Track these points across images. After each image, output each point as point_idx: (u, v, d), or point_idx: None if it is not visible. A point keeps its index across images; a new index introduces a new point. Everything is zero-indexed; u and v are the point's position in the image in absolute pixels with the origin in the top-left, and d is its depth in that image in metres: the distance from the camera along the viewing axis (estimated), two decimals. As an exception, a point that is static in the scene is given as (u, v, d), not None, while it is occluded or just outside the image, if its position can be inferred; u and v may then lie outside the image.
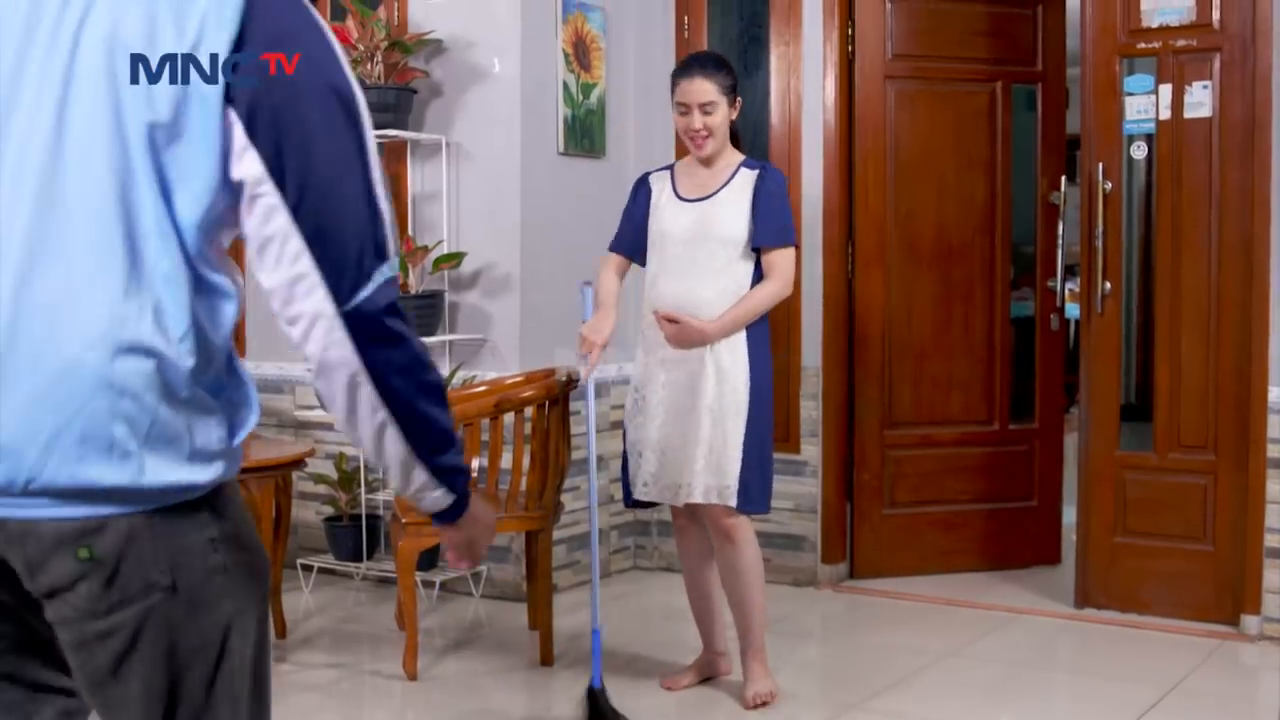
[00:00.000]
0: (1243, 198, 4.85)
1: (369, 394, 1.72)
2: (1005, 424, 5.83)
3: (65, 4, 1.62)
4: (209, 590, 1.70)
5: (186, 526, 1.68)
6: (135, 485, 1.62)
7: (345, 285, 1.67)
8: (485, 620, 5.17)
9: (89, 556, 1.63)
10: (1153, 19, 5.02)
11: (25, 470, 1.59)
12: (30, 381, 1.58)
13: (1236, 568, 4.89)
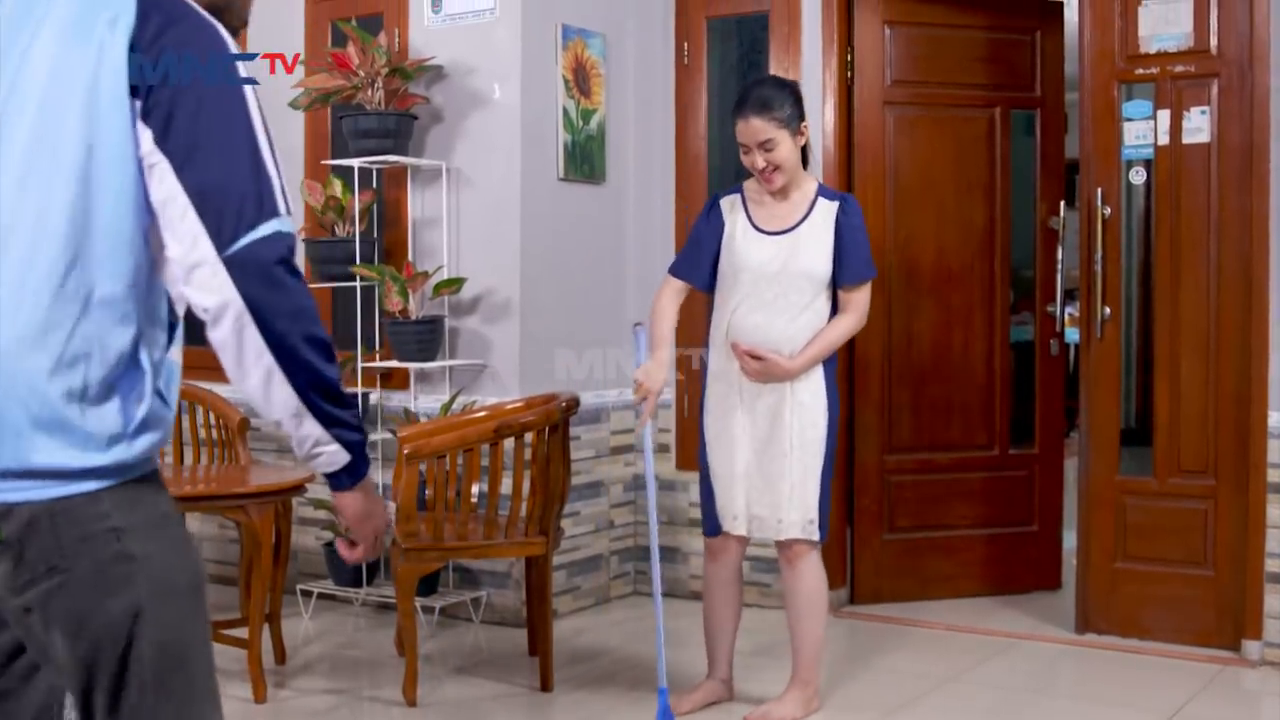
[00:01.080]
0: (1241, 223, 4.86)
1: (253, 336, 1.84)
2: (1005, 449, 5.83)
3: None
4: (110, 576, 1.81)
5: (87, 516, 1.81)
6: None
7: (225, 232, 1.80)
8: (485, 646, 5.16)
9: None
10: (1150, 45, 5.04)
11: None
12: None
13: (1237, 593, 4.89)
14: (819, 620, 4.15)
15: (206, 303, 1.84)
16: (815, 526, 4.03)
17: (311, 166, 5.78)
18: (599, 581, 5.72)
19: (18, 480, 1.78)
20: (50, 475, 1.79)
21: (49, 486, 1.79)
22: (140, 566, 1.84)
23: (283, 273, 1.85)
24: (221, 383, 5.89)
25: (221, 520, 5.98)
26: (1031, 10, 5.87)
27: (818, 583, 4.13)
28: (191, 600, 1.91)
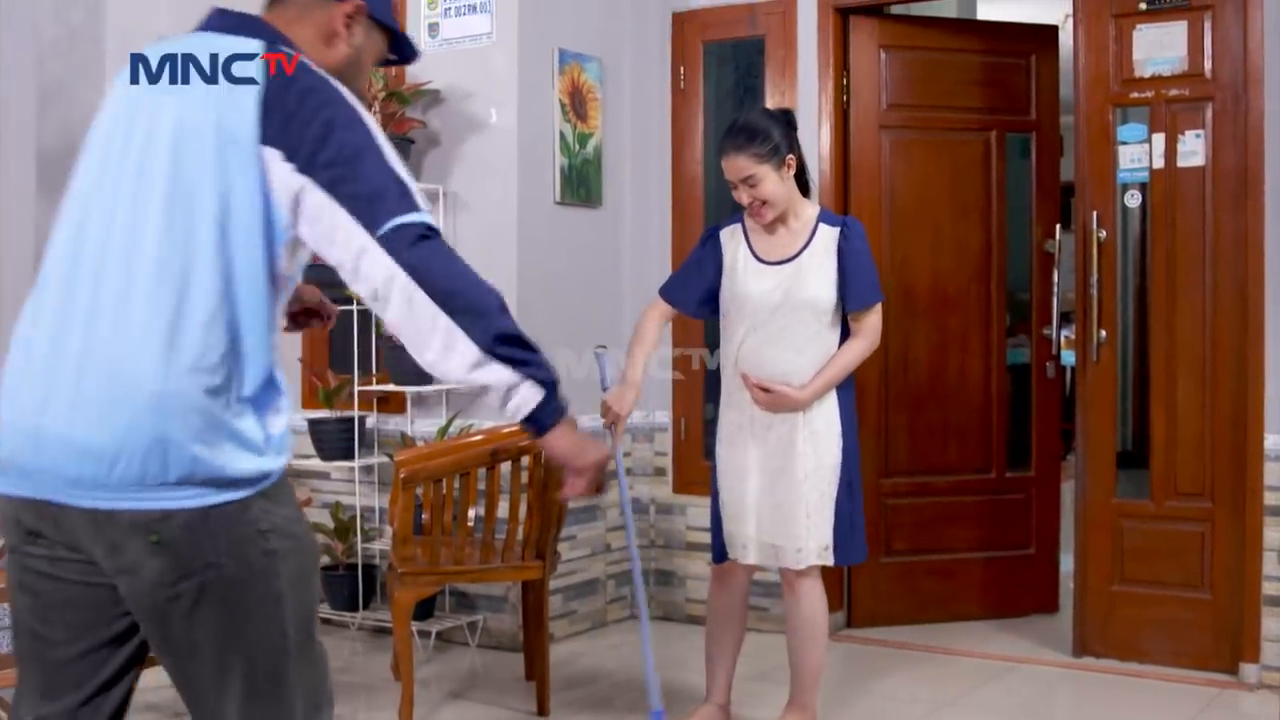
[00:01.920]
0: (1236, 246, 4.88)
1: (422, 300, 2.08)
2: (1002, 472, 5.83)
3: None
4: (257, 570, 2.10)
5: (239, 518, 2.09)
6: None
7: (377, 222, 2.07)
8: (482, 670, 5.15)
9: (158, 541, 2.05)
10: (1145, 69, 5.06)
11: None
12: None
13: (1235, 616, 4.88)
14: (820, 645, 4.13)
15: (375, 284, 2.09)
16: (830, 552, 3.99)
17: (308, 190, 5.77)
18: (595, 605, 5.71)
19: (176, 489, 2.04)
20: (205, 484, 2.05)
21: (204, 495, 2.05)
22: (282, 560, 2.12)
23: (430, 239, 2.10)
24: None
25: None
26: (1026, 34, 5.90)
27: (820, 608, 4.10)
28: (315, 578, 2.23)
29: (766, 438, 3.99)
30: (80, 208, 2.18)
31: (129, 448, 2.03)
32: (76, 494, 2.06)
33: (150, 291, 2.06)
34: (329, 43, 2.32)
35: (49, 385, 2.08)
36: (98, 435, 2.03)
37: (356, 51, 2.37)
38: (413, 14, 5.54)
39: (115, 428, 2.03)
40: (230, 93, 2.12)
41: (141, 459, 2.03)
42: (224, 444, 2.06)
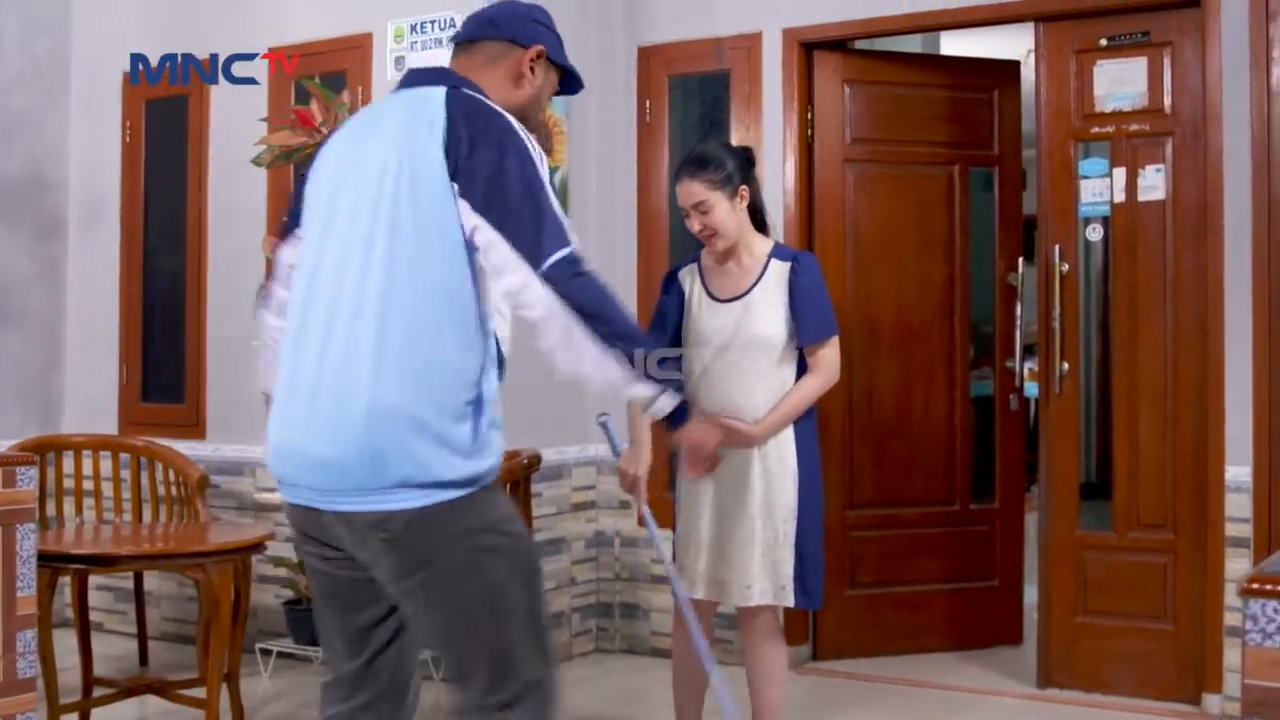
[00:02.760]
0: (1197, 279, 4.92)
1: (578, 329, 2.43)
2: (966, 504, 5.85)
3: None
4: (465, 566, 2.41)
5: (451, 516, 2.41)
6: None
7: (538, 259, 2.40)
8: (445, 705, 5.11)
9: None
10: (1106, 104, 5.12)
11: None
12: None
13: (1197, 646, 4.91)
14: (778, 683, 4.09)
15: (536, 314, 2.44)
16: (788, 592, 3.95)
17: (274, 223, 5.77)
18: (561, 639, 5.70)
19: (398, 491, 2.37)
20: (422, 486, 2.37)
21: (421, 496, 2.37)
22: (495, 555, 2.44)
23: (583, 272, 2.45)
24: (181, 440, 5.88)
25: (180, 578, 5.93)
26: (989, 69, 5.95)
27: (775, 646, 4.06)
28: (536, 576, 2.55)
29: (721, 475, 3.95)
30: (313, 252, 2.53)
31: (357, 458, 2.37)
32: (326, 500, 2.45)
33: (370, 319, 2.39)
34: (516, 84, 2.70)
35: (295, 410, 2.47)
36: (329, 449, 2.40)
37: (538, 90, 2.74)
38: (379, 48, 5.55)
39: (340, 441, 2.38)
40: (425, 136, 2.44)
41: (367, 467, 2.37)
42: (435, 450, 2.37)
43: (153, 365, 6.29)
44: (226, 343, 5.97)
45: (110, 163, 6.38)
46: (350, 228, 2.47)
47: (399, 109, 2.56)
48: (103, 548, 4.56)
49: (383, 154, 2.48)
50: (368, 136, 2.57)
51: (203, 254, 6.07)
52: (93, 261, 6.41)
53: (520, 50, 2.71)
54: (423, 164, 2.43)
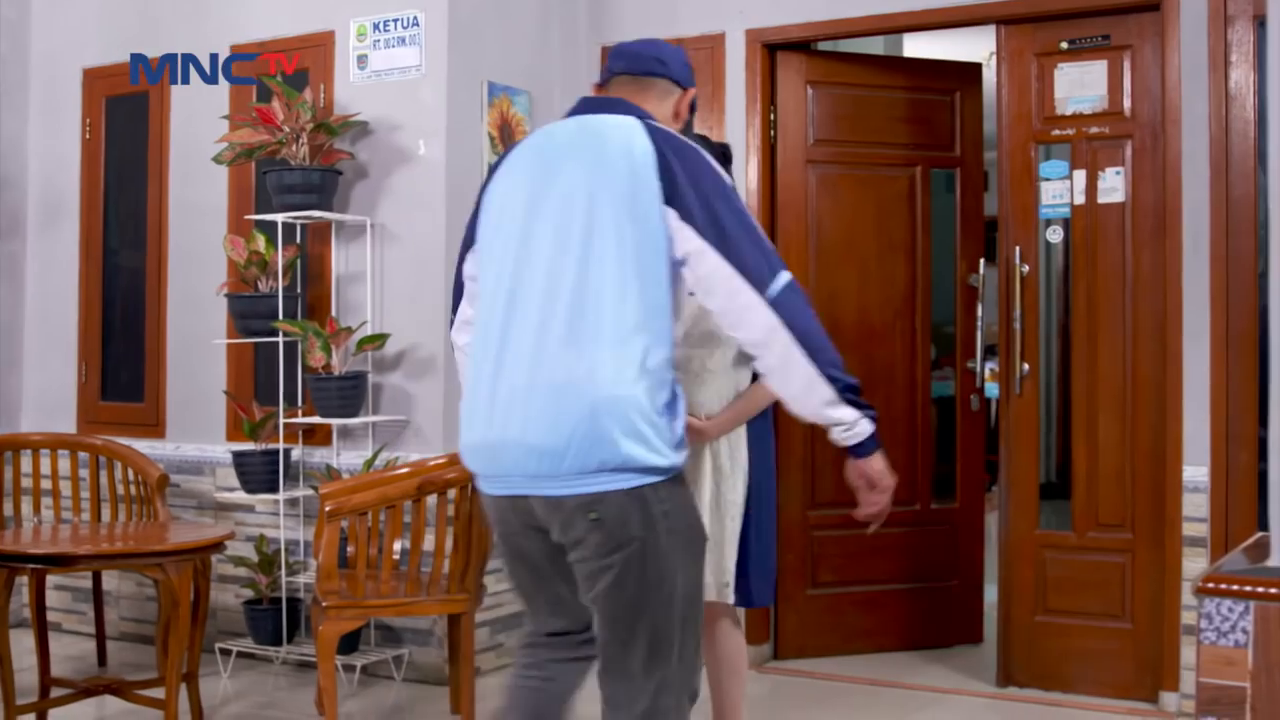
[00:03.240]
0: (1155, 280, 4.96)
1: (796, 354, 2.66)
2: (927, 504, 5.88)
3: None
4: (664, 545, 2.68)
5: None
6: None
7: (762, 284, 2.66)
8: (407, 705, 5.11)
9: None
10: (1066, 107, 5.15)
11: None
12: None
13: (1155, 645, 4.95)
14: (739, 681, 4.11)
15: (756, 334, 2.68)
16: (731, 590, 3.96)
17: (235, 221, 5.75)
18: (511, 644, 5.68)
19: (611, 474, 2.63)
20: (631, 471, 2.64)
21: (631, 479, 2.64)
22: (678, 539, 2.70)
23: (797, 294, 2.68)
24: (141, 439, 5.84)
25: (139, 578, 5.90)
26: (951, 72, 5.98)
27: (736, 644, 4.08)
28: (702, 562, 2.81)
29: (702, 468, 3.96)
30: (511, 264, 2.77)
31: (575, 445, 2.62)
32: (537, 486, 2.69)
33: (589, 324, 2.66)
34: (675, 121, 3.02)
35: (508, 407, 2.71)
36: (549, 439, 2.64)
37: (686, 128, 3.05)
38: (341, 46, 5.54)
39: (563, 432, 2.63)
40: (635, 163, 2.71)
41: (584, 453, 2.62)
42: (643, 440, 2.63)
43: (112, 364, 6.25)
44: (187, 341, 5.94)
45: (70, 160, 6.34)
46: (560, 244, 2.72)
47: (594, 135, 2.82)
48: (61, 547, 4.53)
49: (588, 176, 2.75)
50: (563, 158, 2.81)
51: (163, 252, 6.04)
52: (52, 259, 6.37)
53: (681, 92, 3.04)
54: (638, 189, 2.70)
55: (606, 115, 2.86)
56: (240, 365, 5.78)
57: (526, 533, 2.82)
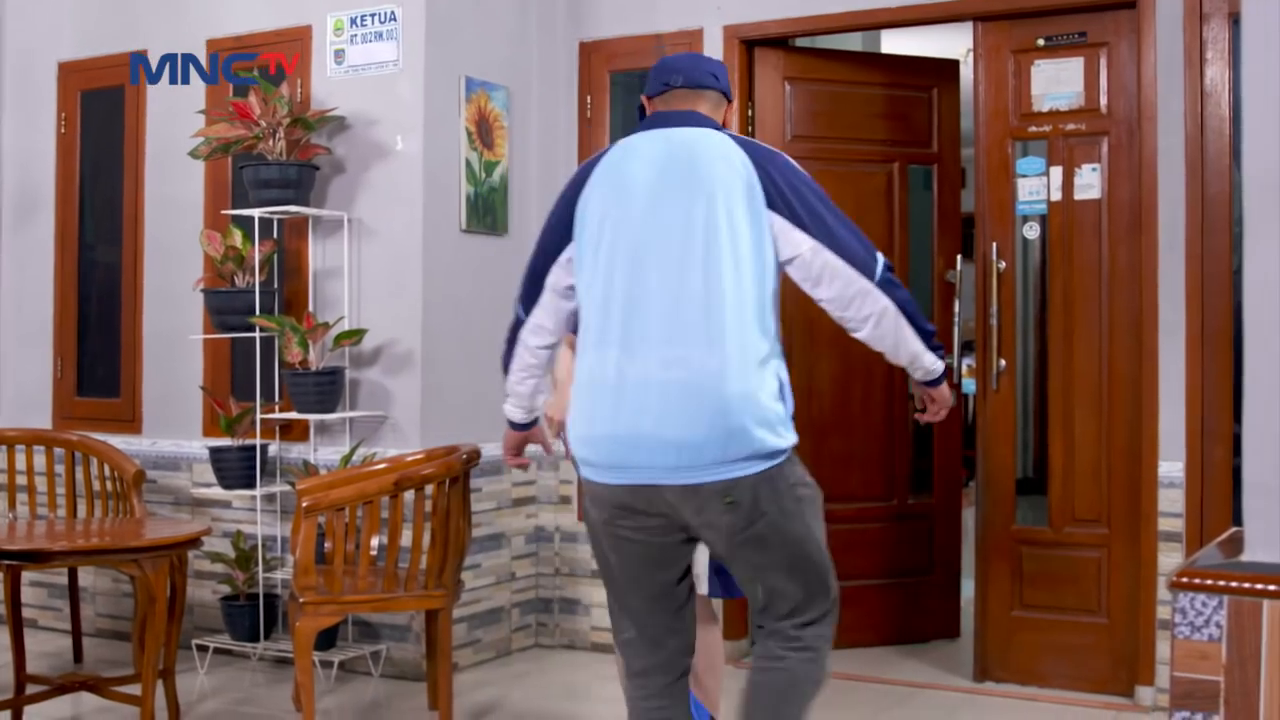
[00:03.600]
0: (1131, 276, 4.98)
1: (904, 324, 3.05)
2: (904, 499, 5.89)
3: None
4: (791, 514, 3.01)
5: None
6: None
7: (868, 270, 3.01)
8: (384, 700, 5.11)
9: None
10: (1043, 103, 5.16)
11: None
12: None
13: (1130, 640, 4.97)
14: (717, 676, 4.13)
15: (869, 312, 3.03)
16: (703, 581, 3.98)
17: (211, 216, 5.73)
18: (500, 634, 5.69)
19: (745, 462, 2.90)
20: (762, 456, 2.92)
21: (761, 464, 2.92)
22: (806, 504, 3.03)
23: (897, 279, 3.06)
24: (117, 434, 5.82)
25: (115, 574, 5.88)
26: (929, 68, 5.99)
27: (714, 639, 4.10)
28: (822, 520, 3.11)
29: None
30: (625, 269, 2.98)
31: (714, 438, 2.87)
32: (674, 476, 2.92)
33: (717, 326, 2.91)
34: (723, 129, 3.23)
35: (641, 403, 2.92)
36: (688, 434, 2.88)
37: None
38: (319, 40, 5.52)
39: (703, 425, 2.88)
40: (737, 172, 2.97)
41: (722, 444, 2.88)
42: (769, 426, 2.92)
43: (88, 359, 6.23)
44: (163, 337, 5.92)
45: (45, 154, 6.31)
46: (678, 251, 2.95)
47: (689, 147, 3.05)
48: (36, 543, 4.51)
49: (696, 187, 2.98)
50: (665, 171, 3.03)
51: (139, 247, 6.02)
52: (27, 254, 6.34)
53: (727, 104, 3.28)
54: (746, 196, 2.96)
55: (690, 128, 3.10)
56: (217, 361, 5.77)
57: (644, 518, 3.01)
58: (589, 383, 3.02)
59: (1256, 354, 2.51)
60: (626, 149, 3.12)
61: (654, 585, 3.13)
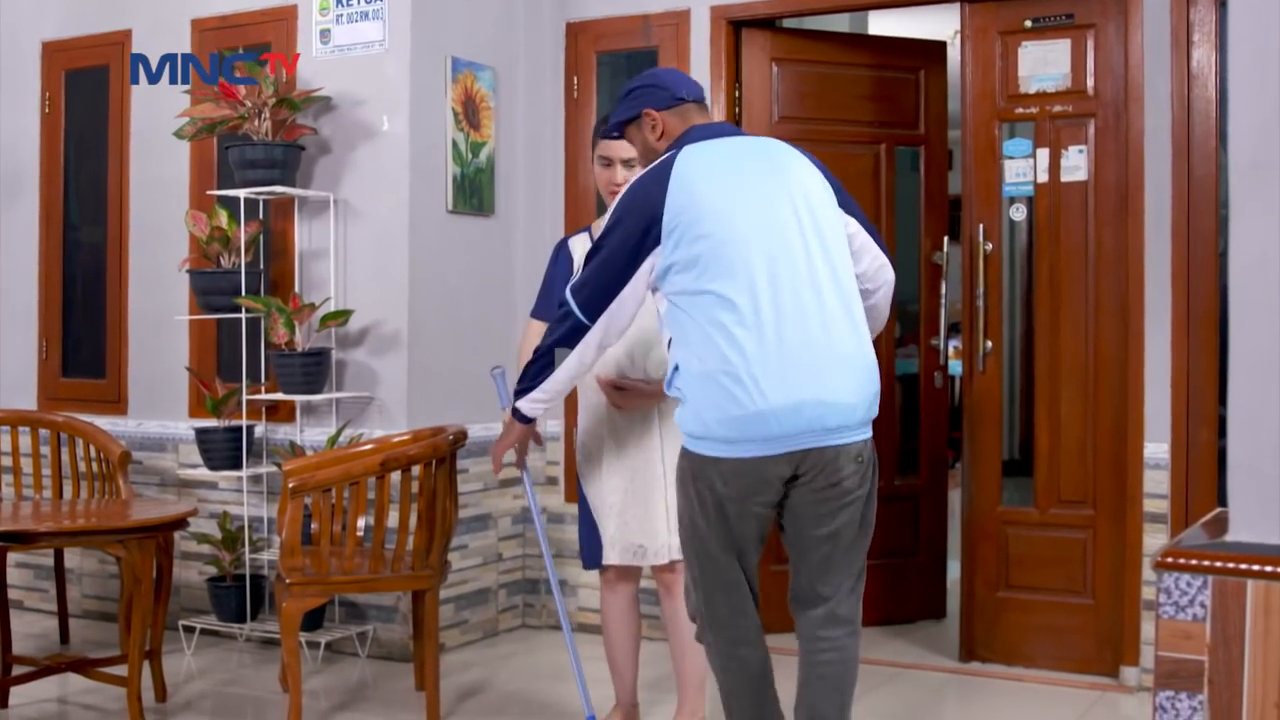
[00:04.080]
0: (1117, 258, 4.99)
1: (891, 295, 3.51)
2: (891, 480, 5.90)
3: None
4: (870, 478, 3.33)
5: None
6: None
7: (881, 245, 3.44)
8: (371, 681, 5.11)
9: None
10: (1030, 85, 5.16)
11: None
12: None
13: (1115, 620, 4.99)
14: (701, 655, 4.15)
15: (879, 282, 3.43)
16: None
17: (197, 197, 5.71)
18: (487, 615, 5.70)
19: (868, 426, 3.26)
20: (869, 424, 3.26)
21: (868, 431, 3.26)
22: (875, 473, 3.34)
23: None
24: (102, 415, 5.81)
25: (101, 555, 5.87)
26: (916, 50, 5.98)
27: None
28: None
29: (624, 439, 4.04)
30: (764, 264, 3.18)
31: (864, 401, 3.21)
32: (836, 437, 3.19)
33: (841, 302, 3.22)
34: None
35: (798, 376, 3.14)
36: (848, 398, 3.17)
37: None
38: (304, 19, 5.50)
39: (858, 390, 3.19)
40: (814, 173, 3.33)
41: (866, 407, 3.22)
42: (876, 397, 3.27)
43: (73, 340, 6.21)
44: (148, 318, 5.90)
45: (29, 135, 6.28)
46: (806, 241, 3.22)
47: (769, 150, 3.39)
48: (21, 524, 4.50)
49: (798, 186, 3.28)
50: (769, 172, 3.31)
51: (124, 227, 6.00)
52: (11, 235, 6.32)
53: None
54: (826, 194, 3.31)
55: (753, 137, 3.51)
56: (203, 341, 5.75)
57: (772, 489, 3.25)
58: (742, 365, 3.16)
59: (1242, 335, 2.52)
60: (706, 155, 3.31)
61: (756, 560, 3.42)
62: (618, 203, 3.38)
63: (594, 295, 3.37)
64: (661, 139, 3.47)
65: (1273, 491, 2.47)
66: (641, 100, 3.49)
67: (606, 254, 3.34)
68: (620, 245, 3.31)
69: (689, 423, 3.23)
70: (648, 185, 3.29)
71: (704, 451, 3.22)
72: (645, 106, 3.47)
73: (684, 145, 3.34)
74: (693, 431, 3.23)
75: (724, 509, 3.26)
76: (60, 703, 4.84)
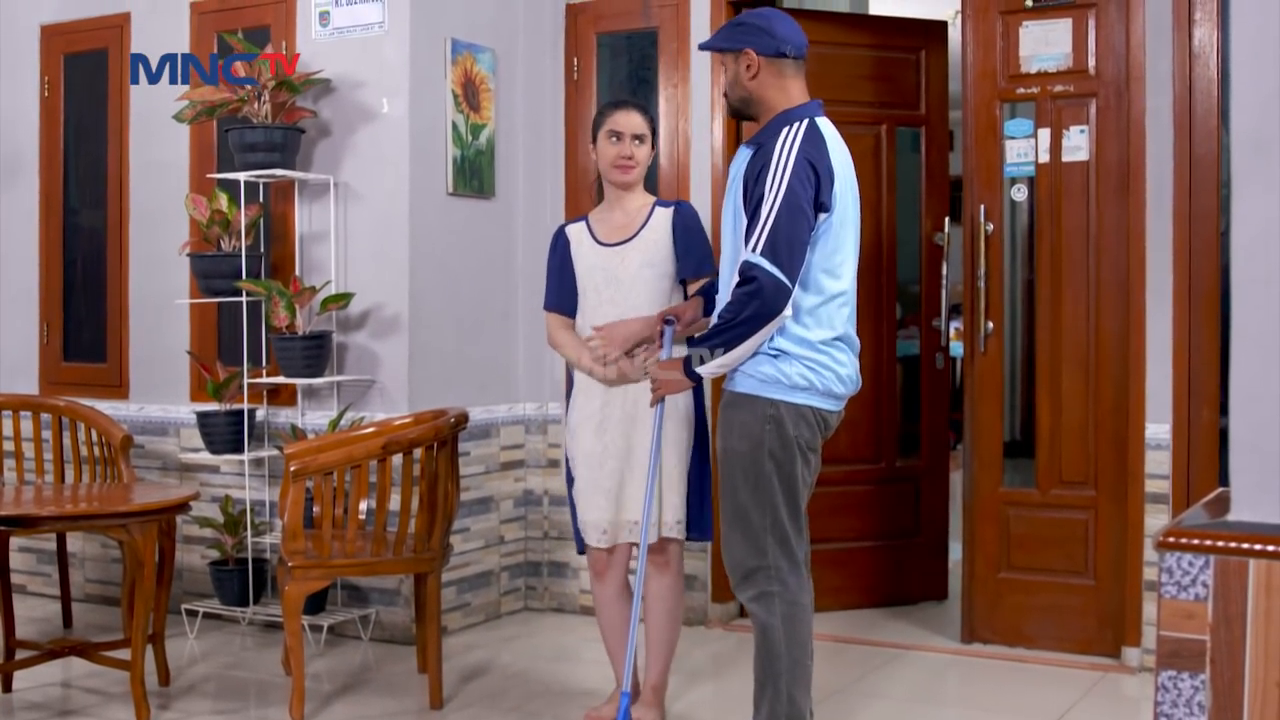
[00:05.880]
0: (1119, 239, 4.98)
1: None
2: (892, 462, 5.90)
3: None
4: None
5: None
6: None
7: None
8: (374, 664, 5.12)
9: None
10: (1031, 65, 5.14)
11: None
12: None
13: (1117, 601, 4.99)
14: (678, 625, 4.23)
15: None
16: (683, 527, 4.10)
17: (197, 180, 5.70)
18: (489, 598, 5.70)
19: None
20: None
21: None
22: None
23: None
24: (104, 399, 5.81)
25: (104, 539, 5.87)
26: (916, 30, 5.97)
27: (681, 586, 4.23)
28: None
29: (615, 418, 4.10)
30: (852, 246, 3.60)
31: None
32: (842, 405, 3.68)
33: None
34: None
35: (855, 355, 3.65)
36: (857, 375, 3.67)
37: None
38: (303, 1, 5.49)
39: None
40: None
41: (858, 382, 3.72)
42: None
43: (74, 324, 6.21)
44: (149, 301, 5.90)
45: (29, 118, 6.27)
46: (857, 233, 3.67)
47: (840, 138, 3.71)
48: (24, 509, 4.50)
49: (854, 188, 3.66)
50: (846, 163, 3.64)
51: (124, 211, 5.99)
52: (12, 219, 6.31)
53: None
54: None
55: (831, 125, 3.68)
56: (204, 325, 5.75)
57: (815, 441, 3.65)
58: (846, 335, 3.62)
59: (1244, 314, 2.51)
60: (830, 135, 3.61)
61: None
62: (775, 156, 3.46)
63: (796, 258, 3.43)
64: (753, 80, 3.58)
65: (1274, 471, 2.47)
66: (748, 38, 3.56)
67: (795, 219, 3.41)
68: (804, 212, 3.42)
69: (795, 377, 3.50)
70: (805, 147, 3.47)
71: (810, 403, 3.55)
72: (749, 46, 3.54)
73: (807, 115, 3.57)
74: (799, 384, 3.51)
75: (806, 457, 3.60)
76: (63, 687, 4.85)
